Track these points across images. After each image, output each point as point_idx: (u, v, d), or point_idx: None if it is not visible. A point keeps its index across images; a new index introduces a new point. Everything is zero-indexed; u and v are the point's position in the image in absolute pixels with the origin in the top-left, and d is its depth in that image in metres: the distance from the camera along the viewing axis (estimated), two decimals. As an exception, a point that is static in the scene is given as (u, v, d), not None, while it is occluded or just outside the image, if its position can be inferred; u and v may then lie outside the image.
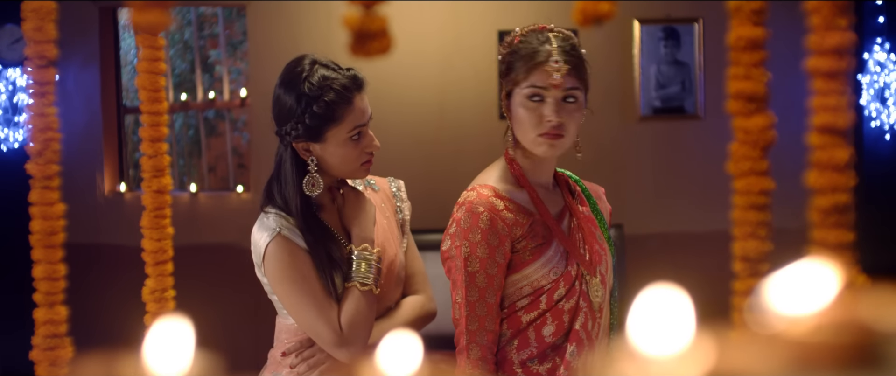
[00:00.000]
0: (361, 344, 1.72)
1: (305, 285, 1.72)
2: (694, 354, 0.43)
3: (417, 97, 4.45)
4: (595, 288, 1.73)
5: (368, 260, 1.73)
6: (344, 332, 1.71)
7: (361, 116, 1.75)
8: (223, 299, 4.07)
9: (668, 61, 4.41)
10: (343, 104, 1.72)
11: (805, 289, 0.44)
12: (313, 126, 1.72)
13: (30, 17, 1.31)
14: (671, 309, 0.45)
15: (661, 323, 0.45)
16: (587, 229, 1.77)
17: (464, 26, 4.41)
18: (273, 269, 1.73)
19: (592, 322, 1.73)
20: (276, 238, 1.72)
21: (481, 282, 1.67)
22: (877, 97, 4.63)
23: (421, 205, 4.52)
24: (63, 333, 1.36)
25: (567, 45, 1.69)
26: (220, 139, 6.52)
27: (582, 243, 1.74)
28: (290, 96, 1.73)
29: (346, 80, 1.74)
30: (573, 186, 1.85)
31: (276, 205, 1.77)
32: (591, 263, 1.73)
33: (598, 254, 1.76)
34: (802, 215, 0.98)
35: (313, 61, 1.75)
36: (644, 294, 0.46)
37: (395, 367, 0.51)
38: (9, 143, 4.66)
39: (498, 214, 1.68)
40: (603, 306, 1.76)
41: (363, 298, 1.71)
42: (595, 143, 4.50)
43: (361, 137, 1.77)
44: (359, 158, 1.77)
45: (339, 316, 1.72)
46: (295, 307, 1.73)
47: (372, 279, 1.73)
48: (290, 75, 1.75)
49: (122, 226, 4.52)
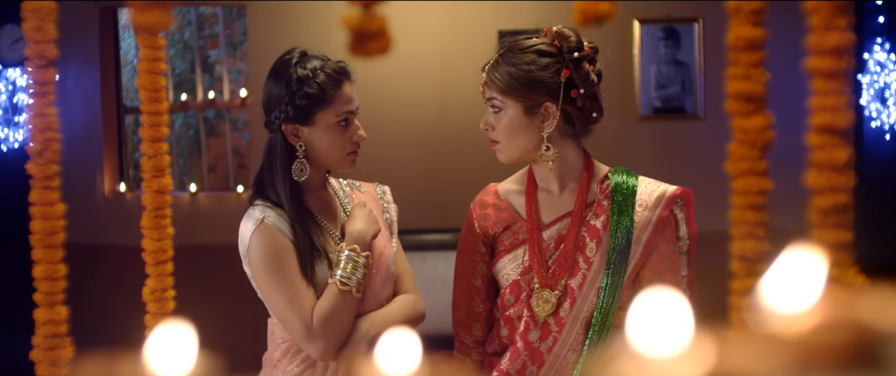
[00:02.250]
0: (331, 341, 1.72)
1: (283, 275, 1.73)
2: (693, 354, 0.43)
3: (417, 97, 4.46)
4: (542, 301, 1.71)
5: (356, 261, 1.73)
6: (314, 326, 1.71)
7: (349, 103, 1.79)
8: (223, 299, 4.07)
9: (668, 61, 4.41)
10: (333, 87, 1.76)
11: (798, 282, 0.44)
12: (303, 107, 1.75)
13: (30, 17, 1.31)
14: (670, 310, 0.45)
15: (661, 324, 0.45)
16: (573, 241, 1.72)
17: (464, 26, 4.41)
18: (254, 258, 1.75)
19: (540, 333, 1.71)
20: (260, 226, 1.74)
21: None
22: (877, 97, 4.63)
23: (420, 204, 4.54)
24: (63, 333, 1.36)
25: (500, 59, 1.71)
26: (220, 139, 6.52)
27: (554, 253, 1.73)
28: (279, 83, 1.77)
29: (336, 66, 1.80)
30: (604, 193, 1.75)
31: (265, 198, 1.79)
32: (552, 275, 1.72)
33: (570, 268, 1.71)
34: (802, 215, 0.98)
35: (302, 52, 1.81)
36: (644, 294, 0.46)
37: (394, 367, 0.51)
38: (9, 143, 4.66)
39: (480, 212, 1.83)
40: (563, 320, 1.69)
41: (341, 297, 1.72)
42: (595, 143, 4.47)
43: (348, 125, 1.79)
44: (345, 147, 1.80)
45: (313, 309, 1.72)
46: (271, 296, 1.75)
47: (354, 281, 1.73)
48: (279, 65, 1.80)
49: (123, 226, 4.52)
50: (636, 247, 1.70)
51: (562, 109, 1.69)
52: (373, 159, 3.91)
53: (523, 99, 1.69)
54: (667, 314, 0.45)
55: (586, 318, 1.70)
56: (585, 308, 1.70)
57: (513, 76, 1.69)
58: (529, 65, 1.69)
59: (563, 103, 1.69)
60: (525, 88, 1.69)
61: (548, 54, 1.69)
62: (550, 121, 1.70)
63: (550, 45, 1.70)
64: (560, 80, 1.68)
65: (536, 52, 1.69)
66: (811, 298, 0.43)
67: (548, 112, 1.69)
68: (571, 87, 1.68)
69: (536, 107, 1.70)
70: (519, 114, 1.70)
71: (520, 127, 1.71)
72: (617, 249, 1.69)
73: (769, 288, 0.44)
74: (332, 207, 1.88)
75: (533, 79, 1.68)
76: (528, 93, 1.69)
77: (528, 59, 1.69)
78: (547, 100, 1.69)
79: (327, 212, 1.86)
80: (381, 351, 0.52)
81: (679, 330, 0.44)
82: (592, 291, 1.70)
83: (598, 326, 1.68)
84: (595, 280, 1.70)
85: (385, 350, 0.52)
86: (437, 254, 4.01)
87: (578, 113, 1.71)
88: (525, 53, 1.70)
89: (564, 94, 1.68)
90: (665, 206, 1.72)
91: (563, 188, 1.77)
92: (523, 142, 1.72)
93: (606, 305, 1.69)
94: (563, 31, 1.72)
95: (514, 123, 1.71)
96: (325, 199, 1.87)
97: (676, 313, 0.45)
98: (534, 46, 1.70)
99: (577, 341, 1.70)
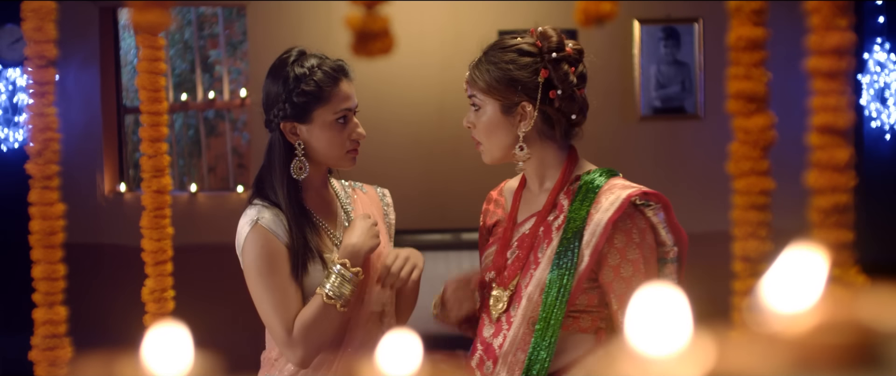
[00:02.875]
0: (309, 350, 1.72)
1: (271, 279, 1.73)
2: (694, 354, 0.43)
3: (417, 97, 4.46)
4: (494, 300, 1.71)
5: (344, 276, 1.73)
6: (294, 333, 1.72)
7: (347, 101, 1.79)
8: (223, 299, 4.07)
9: (668, 61, 4.41)
10: (331, 84, 1.76)
11: (798, 282, 0.44)
12: (301, 104, 1.75)
13: (30, 17, 1.31)
14: (671, 309, 0.45)
15: (661, 323, 0.45)
16: (530, 240, 1.71)
17: (464, 26, 4.41)
18: (246, 259, 1.76)
19: (494, 330, 1.71)
20: (254, 228, 1.75)
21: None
22: (877, 97, 4.63)
23: (420, 204, 4.54)
24: (62, 333, 1.36)
25: (483, 57, 1.72)
26: (220, 139, 6.52)
27: (517, 252, 1.73)
28: (277, 82, 1.78)
29: (334, 64, 1.80)
30: (568, 194, 1.71)
31: (263, 197, 1.80)
32: (506, 275, 1.72)
33: (522, 268, 1.70)
34: (802, 215, 0.98)
35: (300, 51, 1.81)
36: (644, 294, 0.46)
37: (395, 367, 0.51)
38: (9, 143, 4.66)
39: (486, 206, 1.90)
40: (511, 319, 1.67)
41: (325, 309, 1.72)
42: (595, 143, 4.48)
43: (347, 123, 1.79)
44: (344, 144, 1.79)
45: (296, 316, 1.73)
46: (257, 297, 1.76)
47: (341, 296, 1.72)
48: (277, 64, 1.80)
49: (122, 226, 4.52)
50: (585, 250, 1.62)
51: (541, 110, 1.67)
52: (373, 159, 3.91)
53: (501, 98, 1.68)
54: (666, 313, 0.45)
55: (532, 319, 1.65)
56: (530, 308, 1.65)
57: (492, 75, 1.69)
58: (508, 64, 1.68)
59: (540, 104, 1.66)
60: (503, 87, 1.68)
61: (528, 54, 1.67)
62: (527, 121, 1.68)
63: (532, 44, 1.68)
64: (538, 81, 1.66)
65: (517, 52, 1.68)
66: (812, 298, 0.43)
67: (524, 112, 1.68)
68: (550, 88, 1.66)
69: (514, 106, 1.68)
70: (496, 113, 1.69)
71: (497, 125, 1.70)
72: (564, 251, 1.63)
73: (770, 288, 0.44)
74: (332, 207, 1.88)
75: (511, 78, 1.67)
76: (505, 92, 1.68)
77: (508, 57, 1.68)
78: (524, 99, 1.67)
79: (327, 211, 1.86)
80: (381, 351, 0.52)
81: (679, 330, 0.44)
82: (537, 292, 1.65)
83: (542, 326, 1.63)
84: (541, 280, 1.65)
85: (385, 350, 0.52)
86: (437, 254, 4.01)
87: (557, 114, 1.68)
88: (506, 52, 1.69)
89: (542, 94, 1.66)
90: (617, 209, 1.61)
91: (541, 188, 1.76)
92: (501, 141, 1.71)
93: (550, 306, 1.62)
94: (547, 30, 1.70)
95: (491, 122, 1.70)
96: (325, 199, 1.88)
97: (676, 312, 0.45)
98: (515, 46, 1.69)
99: (525, 341, 1.66)
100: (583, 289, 1.63)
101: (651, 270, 1.64)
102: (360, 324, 1.82)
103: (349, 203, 1.91)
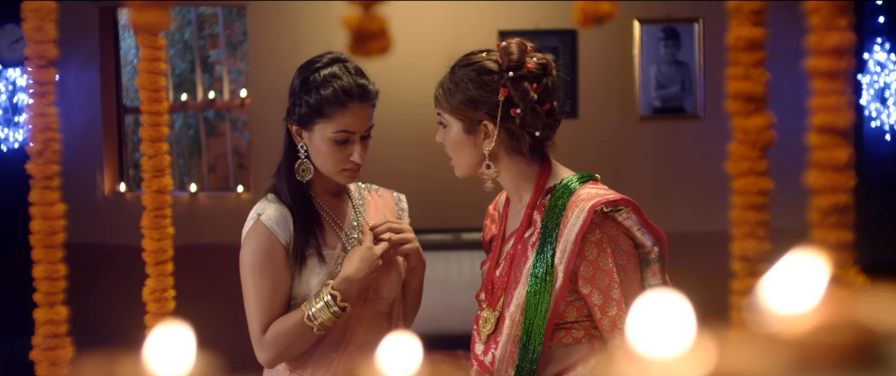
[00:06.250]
0: (274, 356, 1.76)
1: (260, 278, 1.75)
2: (694, 354, 0.43)
3: (417, 97, 4.45)
4: (484, 320, 1.70)
5: (329, 305, 1.73)
6: (266, 336, 1.75)
7: (353, 124, 1.76)
8: (223, 299, 4.07)
9: (668, 61, 4.41)
10: (335, 104, 1.75)
11: (799, 284, 0.44)
12: (304, 113, 1.77)
13: (30, 17, 1.31)
14: (671, 310, 0.45)
15: (661, 324, 0.45)
16: (510, 260, 1.69)
17: (464, 26, 4.41)
18: (242, 253, 1.79)
19: (483, 348, 1.70)
20: (256, 223, 1.78)
21: None
22: (877, 97, 4.63)
23: (421, 205, 4.53)
24: (63, 333, 1.35)
25: (448, 75, 1.71)
26: (220, 139, 6.52)
27: (502, 268, 1.71)
28: (299, 79, 1.79)
29: (351, 84, 1.76)
30: (540, 210, 1.68)
31: (275, 190, 1.83)
32: (494, 296, 1.70)
33: (505, 289, 1.68)
34: (802, 215, 0.98)
35: (335, 58, 1.80)
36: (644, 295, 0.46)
37: (395, 367, 0.51)
38: (9, 143, 4.66)
39: (485, 221, 1.89)
40: (498, 338, 1.66)
41: (301, 326, 1.74)
42: (595, 143, 4.51)
43: (347, 144, 1.77)
44: (338, 163, 1.78)
45: (274, 319, 1.75)
46: (244, 290, 1.78)
47: (321, 322, 1.73)
48: (308, 62, 1.81)
49: (123, 226, 4.52)
50: (558, 267, 1.59)
51: (504, 127, 1.64)
52: (373, 159, 3.90)
53: (463, 117, 1.67)
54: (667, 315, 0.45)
55: (516, 337, 1.64)
56: (514, 328, 1.64)
57: (453, 94, 1.67)
58: (467, 83, 1.65)
59: (501, 121, 1.63)
60: (464, 106, 1.66)
61: (488, 72, 1.64)
62: (490, 139, 1.65)
63: (495, 62, 1.65)
64: (498, 99, 1.63)
65: (477, 70, 1.65)
66: (812, 299, 0.43)
67: (487, 130, 1.65)
68: (511, 106, 1.62)
69: (476, 124, 1.66)
70: (460, 132, 1.68)
71: (462, 144, 1.68)
72: (538, 269, 1.61)
73: (769, 289, 0.44)
74: (342, 206, 1.89)
75: (470, 97, 1.65)
76: (466, 111, 1.66)
77: (469, 76, 1.66)
78: (485, 118, 1.64)
79: (336, 209, 1.87)
80: (381, 351, 0.52)
81: (679, 331, 0.44)
82: (518, 312, 1.63)
83: (524, 341, 1.62)
84: (521, 300, 1.63)
85: (385, 350, 0.52)
86: (436, 254, 4.01)
87: (520, 130, 1.64)
88: (467, 70, 1.67)
89: (503, 112, 1.62)
90: (583, 223, 1.57)
91: (520, 203, 1.73)
92: (467, 159, 1.70)
93: (529, 323, 1.61)
94: (509, 46, 1.66)
95: (456, 141, 1.69)
96: (336, 196, 1.88)
97: (677, 314, 0.45)
98: (477, 63, 1.66)
99: (512, 357, 1.64)
100: (568, 303, 1.61)
101: (628, 276, 1.60)
102: (363, 324, 1.82)
103: (361, 203, 1.92)
